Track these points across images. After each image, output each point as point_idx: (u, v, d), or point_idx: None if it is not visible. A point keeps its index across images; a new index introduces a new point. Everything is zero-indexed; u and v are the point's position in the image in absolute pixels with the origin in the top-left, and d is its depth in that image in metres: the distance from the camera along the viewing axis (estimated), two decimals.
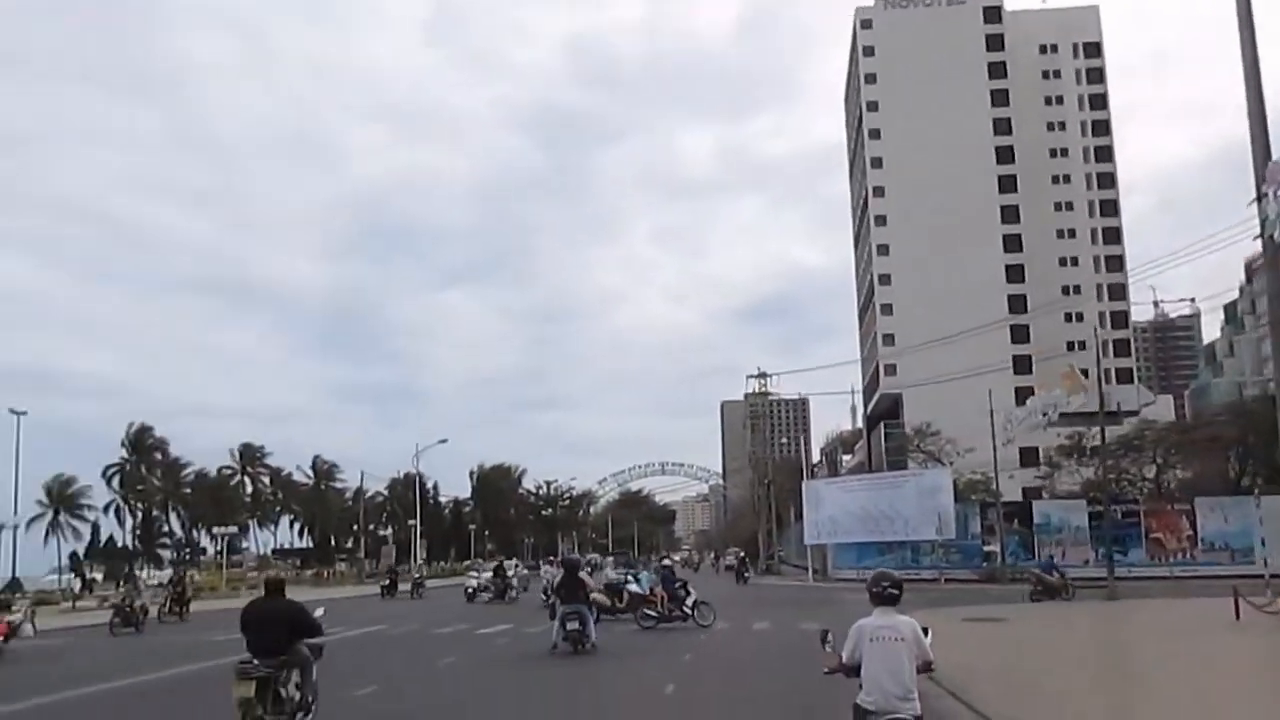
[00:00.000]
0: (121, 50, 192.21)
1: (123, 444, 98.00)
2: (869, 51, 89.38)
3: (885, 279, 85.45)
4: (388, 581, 48.02)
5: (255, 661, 9.24)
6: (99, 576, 72.90)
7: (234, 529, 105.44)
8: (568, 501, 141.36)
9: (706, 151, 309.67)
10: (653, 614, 23.25)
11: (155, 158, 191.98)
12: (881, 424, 78.63)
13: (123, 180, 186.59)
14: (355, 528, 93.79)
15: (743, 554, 67.83)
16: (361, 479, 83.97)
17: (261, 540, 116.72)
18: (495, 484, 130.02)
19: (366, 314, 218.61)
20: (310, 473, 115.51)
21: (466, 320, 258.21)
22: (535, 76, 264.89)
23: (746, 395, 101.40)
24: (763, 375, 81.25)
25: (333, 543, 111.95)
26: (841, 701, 6.82)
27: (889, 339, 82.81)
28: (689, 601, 23.74)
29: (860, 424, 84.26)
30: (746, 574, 55.86)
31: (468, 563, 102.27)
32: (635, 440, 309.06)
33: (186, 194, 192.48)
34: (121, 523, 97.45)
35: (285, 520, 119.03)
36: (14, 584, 62.47)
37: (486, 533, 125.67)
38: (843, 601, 28.99)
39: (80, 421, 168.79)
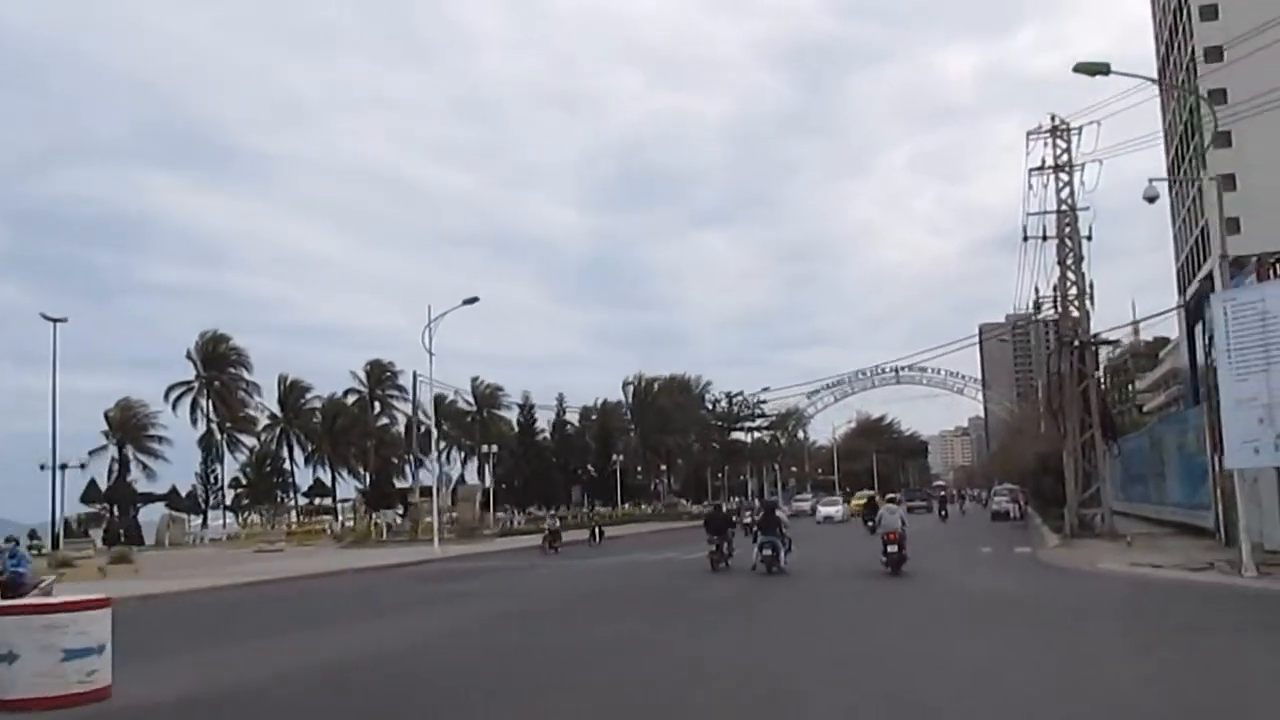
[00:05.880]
0: (399, 20, 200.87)
1: (189, 357, 77.58)
2: None
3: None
4: None
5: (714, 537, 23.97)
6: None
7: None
8: (765, 423, 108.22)
9: (967, 71, 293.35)
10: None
11: (427, 121, 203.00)
12: None
13: (398, 144, 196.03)
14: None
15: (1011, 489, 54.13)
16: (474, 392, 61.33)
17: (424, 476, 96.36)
18: (660, 401, 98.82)
19: (624, 259, 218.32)
20: (471, 399, 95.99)
21: (722, 261, 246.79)
22: (789, 10, 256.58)
23: (1007, 316, 76.84)
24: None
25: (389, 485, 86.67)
26: None
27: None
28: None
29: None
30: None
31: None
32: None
33: (455, 153, 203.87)
34: (219, 458, 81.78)
35: (457, 455, 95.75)
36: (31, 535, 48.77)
37: (664, 467, 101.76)
38: None
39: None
